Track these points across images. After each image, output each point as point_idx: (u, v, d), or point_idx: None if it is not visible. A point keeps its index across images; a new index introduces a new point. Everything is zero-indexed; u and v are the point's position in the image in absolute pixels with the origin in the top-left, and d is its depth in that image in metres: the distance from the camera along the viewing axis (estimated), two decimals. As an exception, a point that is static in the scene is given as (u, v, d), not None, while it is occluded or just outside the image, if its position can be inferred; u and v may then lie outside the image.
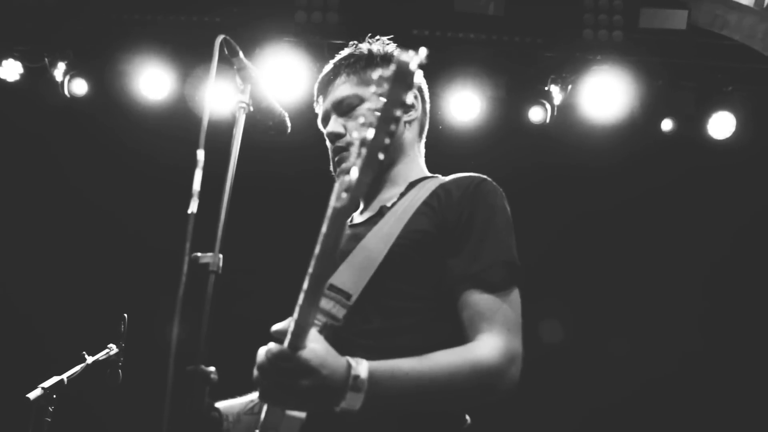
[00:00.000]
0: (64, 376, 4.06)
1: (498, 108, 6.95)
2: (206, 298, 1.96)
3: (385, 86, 1.48)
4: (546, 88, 6.91)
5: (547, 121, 6.95)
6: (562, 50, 6.80)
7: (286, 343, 1.79)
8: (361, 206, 2.59)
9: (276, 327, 1.92)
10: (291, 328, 1.77)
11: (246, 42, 6.29)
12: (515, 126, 7.02)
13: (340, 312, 2.15)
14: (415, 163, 2.58)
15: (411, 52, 1.49)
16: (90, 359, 4.25)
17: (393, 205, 2.38)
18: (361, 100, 2.51)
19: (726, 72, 7.07)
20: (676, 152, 7.14)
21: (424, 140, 2.68)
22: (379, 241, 2.25)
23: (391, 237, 2.24)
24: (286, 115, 2.53)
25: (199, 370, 1.89)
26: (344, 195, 1.54)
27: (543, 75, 6.91)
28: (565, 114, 6.97)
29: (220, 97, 6.21)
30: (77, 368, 4.17)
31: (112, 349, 4.36)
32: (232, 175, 2.12)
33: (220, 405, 2.38)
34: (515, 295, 2.22)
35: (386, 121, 1.49)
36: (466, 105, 6.81)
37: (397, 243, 2.23)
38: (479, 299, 2.16)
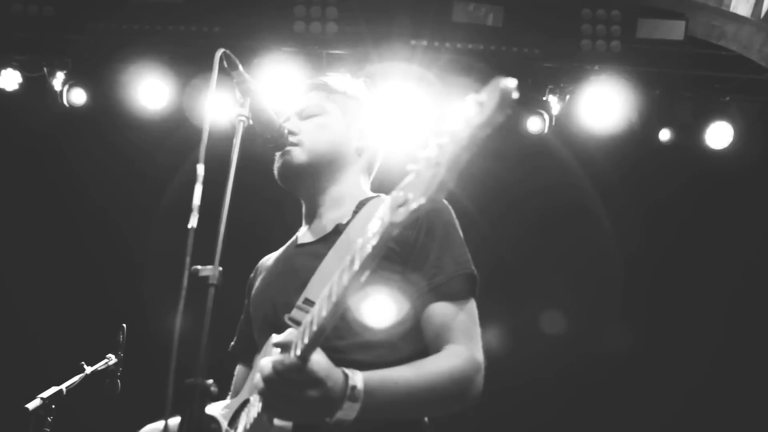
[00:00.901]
0: (63, 387, 4.06)
1: (496, 118, 6.95)
2: (206, 311, 1.96)
3: (479, 110, 1.47)
4: (544, 99, 6.92)
5: (545, 131, 6.96)
6: (560, 60, 6.81)
7: (294, 354, 1.83)
8: (305, 226, 2.65)
9: (277, 339, 1.94)
10: (305, 340, 1.81)
11: (245, 52, 6.31)
12: (513, 136, 7.03)
13: None
14: (359, 185, 2.66)
15: (508, 80, 1.48)
16: (89, 369, 4.25)
17: (348, 222, 2.46)
18: (322, 111, 2.65)
19: (723, 82, 7.09)
20: (674, 162, 7.16)
21: (375, 169, 2.77)
22: (342, 257, 2.30)
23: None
24: (286, 128, 2.55)
25: (198, 383, 1.89)
26: (401, 210, 1.57)
27: (541, 85, 6.92)
28: (563, 124, 6.98)
29: (219, 108, 6.22)
30: (76, 378, 4.17)
31: (111, 359, 4.36)
32: (230, 188, 2.12)
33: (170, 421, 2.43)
34: (473, 305, 2.34)
35: (470, 144, 1.49)
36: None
37: None
38: (444, 311, 2.27)
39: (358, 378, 1.96)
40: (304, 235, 2.63)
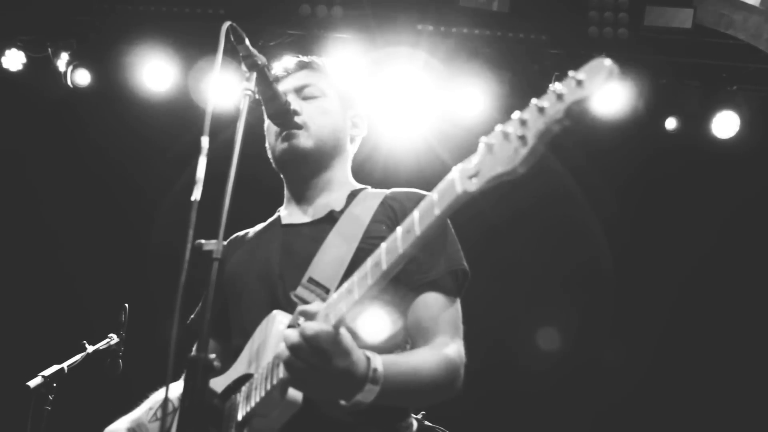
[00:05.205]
0: (65, 365, 4.08)
1: (502, 104, 6.92)
2: (210, 285, 1.94)
3: (577, 86, 1.48)
4: (550, 85, 6.89)
5: (551, 118, 6.92)
6: (567, 47, 6.77)
7: (326, 323, 1.81)
8: (290, 207, 2.64)
9: (303, 308, 1.92)
10: (343, 308, 1.79)
11: (249, 34, 6.23)
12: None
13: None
14: (348, 174, 2.71)
15: (608, 60, 1.46)
16: (90, 348, 4.26)
17: (342, 210, 2.49)
18: (322, 93, 2.65)
19: (731, 71, 7.05)
20: (680, 151, 7.13)
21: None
22: (342, 242, 2.35)
23: (355, 239, 2.35)
24: (291, 102, 2.52)
25: (201, 358, 1.87)
26: (474, 180, 1.55)
27: (547, 72, 6.88)
28: (568, 111, 6.93)
29: (224, 86, 6.20)
30: (77, 357, 4.19)
31: (113, 338, 4.37)
32: (235, 162, 2.10)
33: (125, 426, 2.45)
34: (458, 303, 2.39)
35: (564, 119, 1.50)
36: (469, 101, 6.79)
37: (360, 247, 2.32)
38: (435, 301, 2.31)
39: (378, 361, 1.94)
40: (290, 215, 2.62)
